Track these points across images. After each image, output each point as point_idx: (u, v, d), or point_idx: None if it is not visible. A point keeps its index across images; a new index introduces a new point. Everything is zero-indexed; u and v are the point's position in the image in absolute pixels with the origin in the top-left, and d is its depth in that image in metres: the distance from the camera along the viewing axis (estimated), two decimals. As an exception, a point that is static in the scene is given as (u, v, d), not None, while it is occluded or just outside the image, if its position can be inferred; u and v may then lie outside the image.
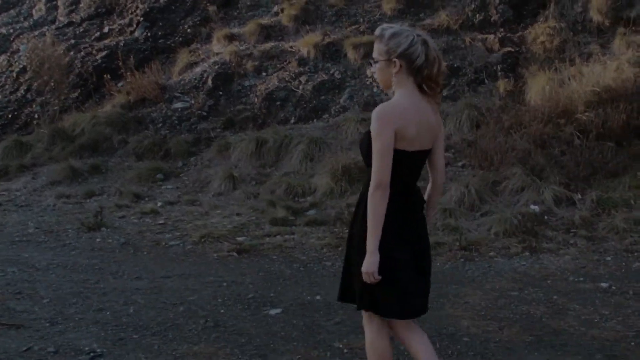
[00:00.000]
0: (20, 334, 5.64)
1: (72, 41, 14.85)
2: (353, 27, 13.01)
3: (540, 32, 11.85)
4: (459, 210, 9.02)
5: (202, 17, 14.54)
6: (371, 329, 3.81)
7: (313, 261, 7.94)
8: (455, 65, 11.79)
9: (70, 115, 13.45)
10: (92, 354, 5.25)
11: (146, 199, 10.86)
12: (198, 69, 13.38)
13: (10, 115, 14.02)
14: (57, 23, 15.83)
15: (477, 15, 12.50)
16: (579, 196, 9.11)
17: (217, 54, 13.53)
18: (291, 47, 13.03)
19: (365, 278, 3.51)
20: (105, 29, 15.06)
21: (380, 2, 13.28)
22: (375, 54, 3.65)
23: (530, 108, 10.55)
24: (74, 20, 15.53)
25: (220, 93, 12.76)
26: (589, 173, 9.43)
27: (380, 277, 3.50)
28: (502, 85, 11.29)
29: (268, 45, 13.23)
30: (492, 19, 12.42)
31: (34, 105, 14.06)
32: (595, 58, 11.17)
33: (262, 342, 5.49)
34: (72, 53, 14.45)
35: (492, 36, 12.13)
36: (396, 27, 3.64)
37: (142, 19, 14.70)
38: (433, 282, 3.97)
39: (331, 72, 12.33)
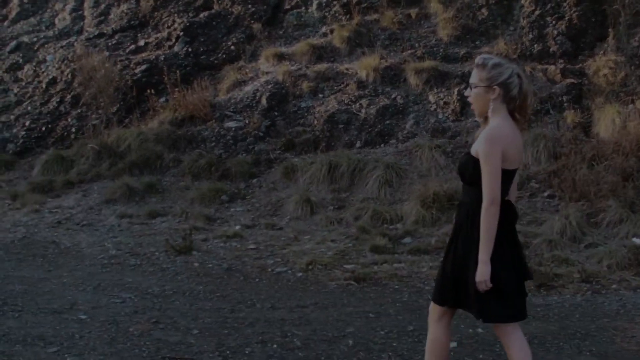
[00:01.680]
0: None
1: (106, 53, 14.37)
2: (409, 51, 12.88)
3: (601, 65, 11.88)
4: (561, 241, 8.93)
5: (246, 35, 14.24)
6: (513, 339, 4.21)
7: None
8: (520, 95, 11.72)
9: (111, 130, 12.95)
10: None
11: (218, 221, 10.53)
12: (248, 88, 13.07)
13: (44, 128, 13.47)
14: (85, 34, 15.31)
15: (536, 45, 12.49)
16: (676, 230, 9.13)
17: (267, 72, 13.24)
18: (347, 69, 12.84)
19: (479, 287, 3.96)
20: (141, 42, 14.63)
21: (435, 28, 13.19)
22: (474, 80, 4.09)
23: (607, 140, 10.53)
24: (105, 31, 15.06)
25: (276, 113, 12.49)
26: (680, 208, 9.46)
27: (491, 285, 3.95)
28: (570, 116, 11.27)
29: (322, 66, 13.01)
30: (550, 49, 12.42)
31: (68, 119, 13.52)
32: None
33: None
34: (106, 65, 13.97)
35: (552, 67, 12.13)
36: (496, 59, 4.12)
37: (182, 33, 14.32)
38: (579, 316, 5.69)
39: (392, 96, 12.19)
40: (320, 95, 12.63)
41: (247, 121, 12.44)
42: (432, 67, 12.28)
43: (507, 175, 4.03)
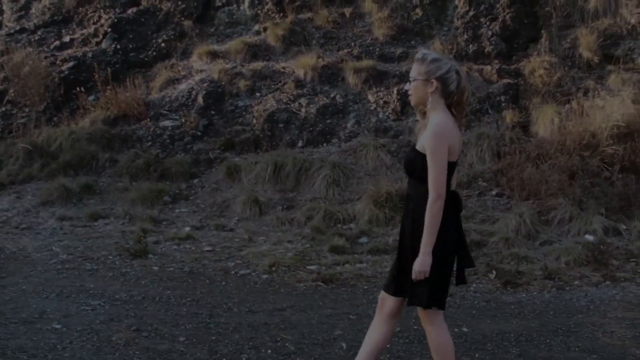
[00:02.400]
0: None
1: (30, 49, 13.81)
2: (346, 50, 12.92)
3: (536, 66, 12.22)
4: (517, 239, 9.14)
5: (176, 32, 13.95)
6: (436, 326, 4.36)
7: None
8: (458, 94, 11.93)
9: (40, 129, 12.47)
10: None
11: (164, 223, 10.29)
12: (182, 86, 12.82)
13: (-33, 128, 12.86)
14: (5, 29, 14.67)
15: (471, 46, 12.74)
16: (624, 226, 9.48)
17: (201, 71, 13.02)
18: (284, 67, 12.77)
19: (416, 275, 4.11)
20: (66, 38, 14.13)
21: (370, 28, 13.27)
22: (413, 74, 4.23)
23: (549, 139, 10.84)
24: (27, 26, 14.47)
25: (213, 112, 12.29)
26: (624, 204, 9.82)
27: (427, 276, 4.10)
28: (509, 116, 11.55)
29: (258, 64, 12.88)
30: (485, 50, 12.70)
31: (-8, 118, 12.96)
32: (593, 94, 11.65)
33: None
34: (32, 62, 13.43)
35: (488, 67, 12.40)
36: (435, 54, 4.29)
37: (109, 30, 13.90)
38: (553, 312, 6.62)
39: (332, 95, 12.19)
40: (258, 94, 12.51)
41: (183, 120, 12.19)
42: (371, 66, 12.36)
43: (450, 168, 4.18)
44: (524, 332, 6.54)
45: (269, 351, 5.93)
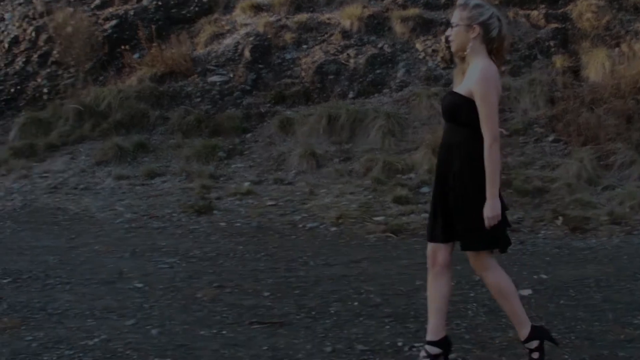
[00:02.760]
0: (295, 332, 5.18)
1: (70, 9, 13.76)
2: (388, -1, 12.77)
3: (583, 9, 12.02)
4: (579, 185, 9.09)
5: (217, -14, 13.83)
6: (492, 270, 4.29)
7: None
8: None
9: (86, 89, 12.47)
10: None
11: (222, 179, 10.32)
12: (228, 41, 12.75)
13: (12, 90, 12.87)
14: (42, -11, 14.60)
15: (517, -10, 12.55)
16: (687, 170, 9.40)
17: (245, 24, 12.93)
18: (329, 19, 12.64)
19: (490, 222, 4.04)
20: (105, -3, 14.07)
21: (413, -25, 13.07)
22: (455, 19, 4.17)
23: (603, 84, 10.71)
24: (65, -14, 14.40)
25: (261, 66, 12.23)
26: (684, 148, 9.73)
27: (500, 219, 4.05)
28: (559, 61, 11.40)
29: (303, 16, 12.77)
30: (531, -6, 12.50)
31: (38, 79, 12.96)
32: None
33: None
34: (74, 22, 13.39)
35: (535, 12, 12.21)
36: (477, 0, 4.17)
37: (149, -14, 13.81)
38: (627, 257, 6.74)
39: (379, 45, 12.08)
40: (305, 46, 12.42)
41: (231, 75, 12.16)
42: (417, 14, 12.22)
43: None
44: (602, 277, 6.52)
45: (356, 303, 5.93)
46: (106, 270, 6.86)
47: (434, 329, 4.44)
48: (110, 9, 13.72)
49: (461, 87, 4.21)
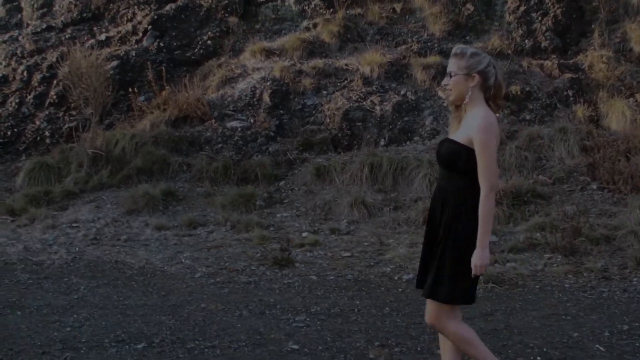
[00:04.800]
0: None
1: (64, 48, 13.09)
2: (404, 46, 12.80)
3: (594, 60, 12.42)
4: (642, 231, 9.26)
5: (221, 29, 13.49)
6: (456, 321, 4.34)
7: (588, 288, 7.80)
8: (526, 89, 12.03)
9: (91, 133, 11.85)
10: None
11: (271, 229, 9.96)
12: (242, 85, 12.43)
13: (9, 133, 12.08)
14: (31, 27, 13.84)
15: (527, 41, 12.83)
16: None
17: (257, 69, 12.65)
18: (346, 65, 12.54)
19: (477, 270, 4.08)
20: (101, 37, 13.45)
21: (424, 23, 13.18)
22: (453, 69, 4.25)
23: (634, 133, 11.05)
24: (54, 24, 13.69)
25: (281, 111, 11.97)
26: None
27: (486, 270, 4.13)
28: (580, 110, 11.69)
29: (318, 62, 12.63)
30: (542, 45, 12.81)
31: (36, 121, 12.22)
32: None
33: None
34: (67, 62, 12.74)
35: (548, 62, 12.53)
36: (472, 49, 4.32)
37: (150, 27, 13.31)
38: None
39: (402, 92, 12.06)
40: (324, 92, 12.26)
41: (252, 120, 11.83)
42: (437, 62, 12.27)
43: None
44: None
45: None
46: (242, 331, 6.45)
47: None
48: (109, 49, 13.10)
49: (459, 134, 4.23)
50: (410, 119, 11.66)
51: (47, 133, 12.01)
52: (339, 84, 12.28)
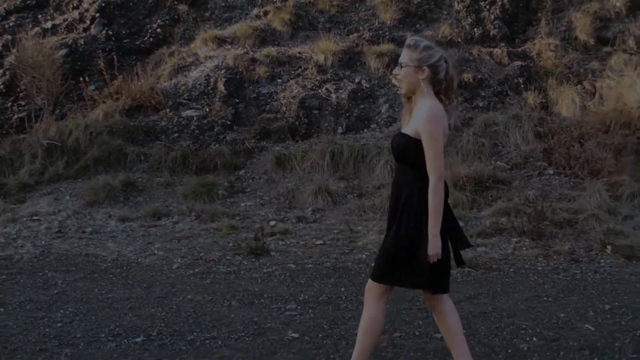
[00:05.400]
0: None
1: (8, 37, 12.71)
2: (355, 34, 12.87)
3: (542, 48, 12.75)
4: (604, 215, 9.60)
5: (170, 17, 13.28)
6: (448, 306, 4.56)
7: (560, 270, 8.07)
8: (478, 77, 12.27)
9: (43, 123, 11.55)
10: None
11: (236, 218, 9.93)
12: (195, 74, 12.28)
13: (-48, 124, 11.68)
14: (-29, 14, 13.39)
15: (476, 30, 13.08)
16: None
17: (209, 57, 12.53)
18: (299, 53, 12.54)
19: (431, 259, 4.19)
20: (47, 24, 13.09)
21: (375, 12, 13.27)
22: (404, 60, 4.32)
23: (586, 120, 11.40)
24: (-3, 12, 13.28)
25: (237, 100, 11.90)
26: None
27: (440, 257, 4.21)
28: (531, 97, 12.00)
29: (271, 50, 12.57)
30: (490, 33, 13.07)
31: (-18, 112, 11.85)
32: (601, 74, 12.33)
33: None
34: (15, 50, 12.38)
35: (498, 50, 12.80)
36: (426, 41, 4.37)
37: (97, 15, 13.02)
38: None
39: (356, 80, 12.14)
40: (279, 81, 12.23)
41: (207, 109, 11.72)
42: (391, 50, 12.38)
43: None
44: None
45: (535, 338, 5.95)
46: (237, 321, 6.46)
47: None
48: (56, 38, 12.76)
49: (408, 127, 4.32)
50: (366, 106, 11.74)
51: (-6, 124, 11.62)
52: (293, 72, 12.27)
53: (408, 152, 4.25)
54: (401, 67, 4.30)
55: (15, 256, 8.56)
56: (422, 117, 4.16)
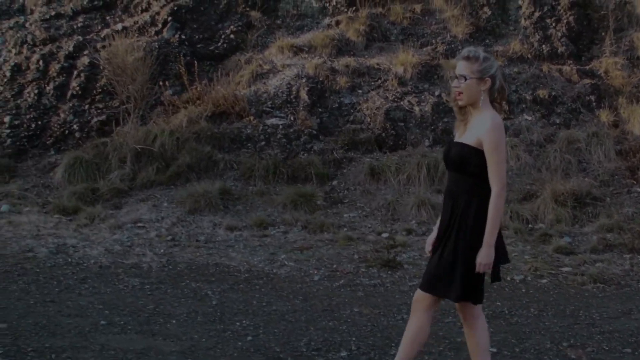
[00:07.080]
0: None
1: (79, 37, 12.51)
2: (429, 47, 12.97)
3: (609, 67, 12.98)
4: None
5: (243, 23, 13.20)
6: (480, 321, 4.66)
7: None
8: (552, 94, 12.44)
9: (123, 127, 11.41)
10: None
11: (344, 229, 9.93)
12: (274, 82, 12.23)
13: (33, 126, 11.46)
14: (34, 14, 13.11)
15: (544, 47, 13.26)
16: None
17: (288, 65, 12.49)
18: (377, 64, 12.58)
19: (481, 268, 4.27)
20: (117, 26, 12.90)
21: (445, 25, 13.37)
22: (465, 72, 4.35)
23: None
24: (63, 12, 13.03)
25: (320, 110, 11.90)
26: None
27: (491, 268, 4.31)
28: (604, 115, 12.21)
29: (349, 60, 12.59)
30: (558, 50, 13.26)
31: (60, 114, 11.64)
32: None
33: None
34: (87, 52, 12.20)
35: (566, 67, 12.99)
36: (482, 52, 4.45)
37: (170, 18, 12.88)
38: None
39: (436, 93, 12.23)
40: (360, 91, 12.25)
41: (292, 118, 11.69)
42: (468, 64, 12.43)
43: None
44: None
45: None
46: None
47: None
48: (127, 41, 12.58)
49: (467, 137, 4.37)
50: (450, 120, 11.80)
51: (75, 127, 11.41)
52: (373, 84, 12.29)
53: (469, 161, 4.30)
54: (465, 79, 4.31)
55: (142, 265, 8.47)
56: (487, 127, 4.22)
